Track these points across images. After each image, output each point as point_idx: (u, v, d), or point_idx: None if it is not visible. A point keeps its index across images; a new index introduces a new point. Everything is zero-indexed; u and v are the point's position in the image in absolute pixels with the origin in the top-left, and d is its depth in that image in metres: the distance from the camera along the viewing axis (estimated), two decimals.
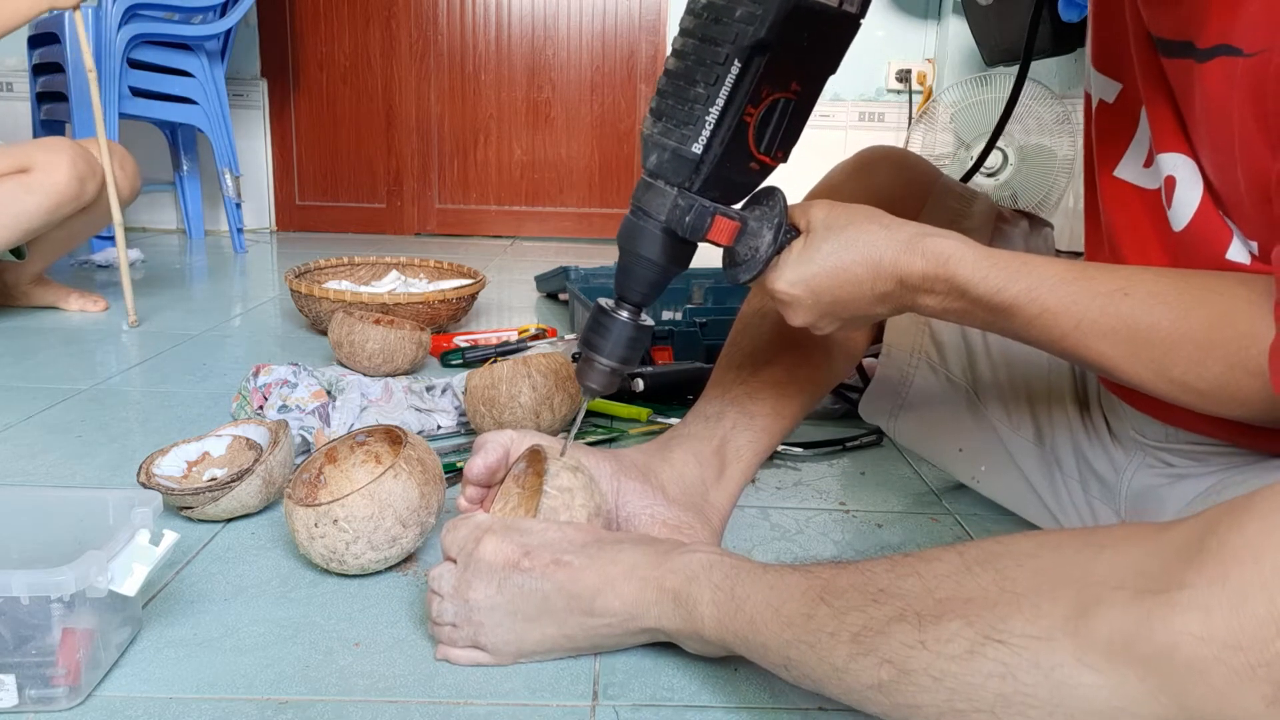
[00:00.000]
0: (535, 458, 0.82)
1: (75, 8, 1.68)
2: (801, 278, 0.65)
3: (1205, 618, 0.38)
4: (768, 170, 0.64)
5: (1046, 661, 0.42)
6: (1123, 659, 0.40)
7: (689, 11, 0.61)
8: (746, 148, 0.60)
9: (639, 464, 0.85)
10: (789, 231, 0.65)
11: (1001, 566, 0.48)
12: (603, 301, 0.70)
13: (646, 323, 0.69)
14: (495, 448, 0.82)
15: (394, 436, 0.90)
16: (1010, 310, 0.62)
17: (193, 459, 0.99)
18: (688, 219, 0.61)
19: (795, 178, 2.88)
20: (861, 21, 0.60)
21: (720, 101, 0.57)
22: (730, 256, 0.67)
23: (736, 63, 0.56)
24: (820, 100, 0.61)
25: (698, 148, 0.58)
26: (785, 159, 0.64)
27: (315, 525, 0.79)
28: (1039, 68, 2.54)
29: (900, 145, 3.02)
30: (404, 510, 0.80)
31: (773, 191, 0.66)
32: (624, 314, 0.67)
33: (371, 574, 0.83)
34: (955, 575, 0.49)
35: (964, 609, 0.46)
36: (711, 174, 0.60)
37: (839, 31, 0.59)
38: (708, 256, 0.77)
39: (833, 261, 0.64)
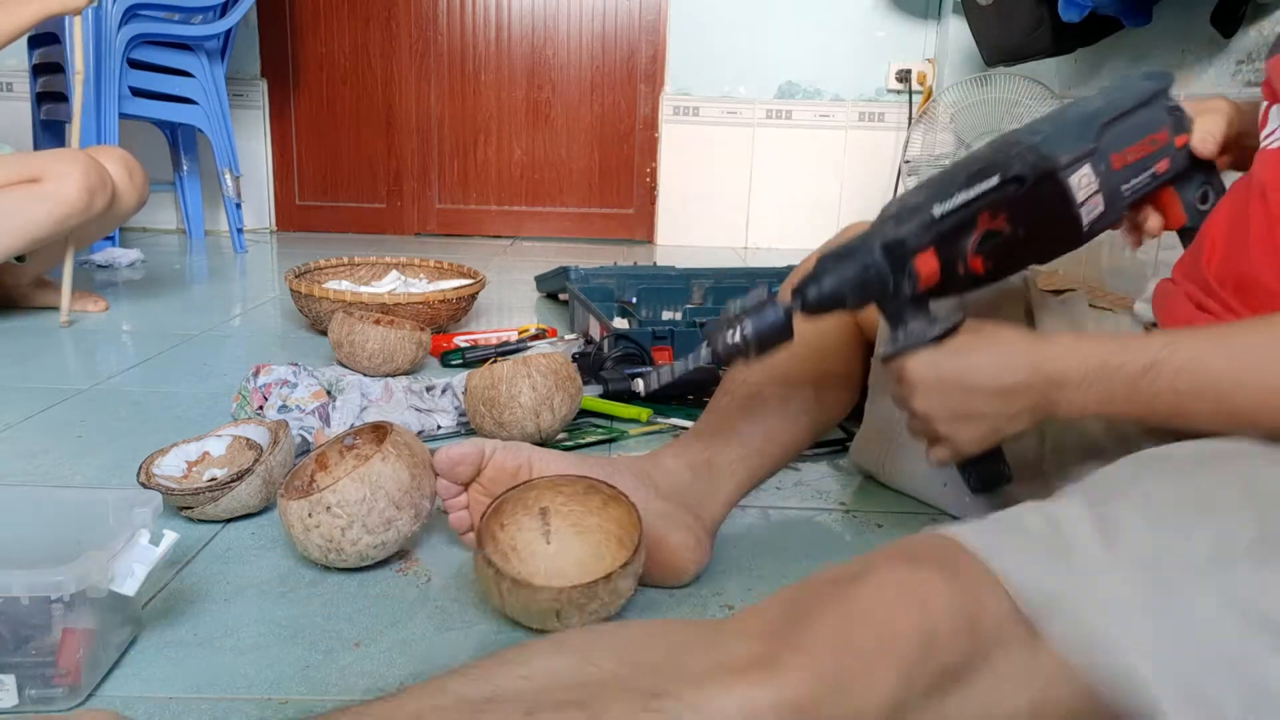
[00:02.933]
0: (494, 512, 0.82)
1: (77, 11, 1.69)
2: (935, 359, 0.69)
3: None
4: (971, 280, 0.70)
5: None
6: None
7: (971, 151, 0.73)
8: (964, 243, 0.69)
9: (630, 462, 0.86)
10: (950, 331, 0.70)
11: (598, 656, 0.49)
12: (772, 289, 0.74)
13: (790, 327, 0.70)
14: (470, 445, 0.83)
15: (381, 435, 0.90)
16: (1162, 379, 0.61)
17: (193, 459, 0.99)
18: (908, 230, 0.68)
19: (795, 178, 2.88)
20: (1083, 234, 0.71)
21: (972, 192, 0.68)
22: (898, 320, 0.71)
23: (996, 177, 0.68)
24: (820, 100, 0.62)
25: (939, 211, 0.68)
26: (986, 279, 0.71)
27: (309, 515, 0.79)
28: (1039, 67, 2.54)
29: (900, 145, 3.02)
30: (395, 492, 0.80)
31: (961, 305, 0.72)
32: (783, 305, 0.70)
33: (370, 568, 0.83)
34: (572, 667, 0.49)
35: (608, 688, 0.46)
36: (935, 235, 0.68)
37: (1063, 224, 0.70)
38: (707, 258, 0.77)
39: (973, 358, 0.68)
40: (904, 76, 3.05)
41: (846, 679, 0.45)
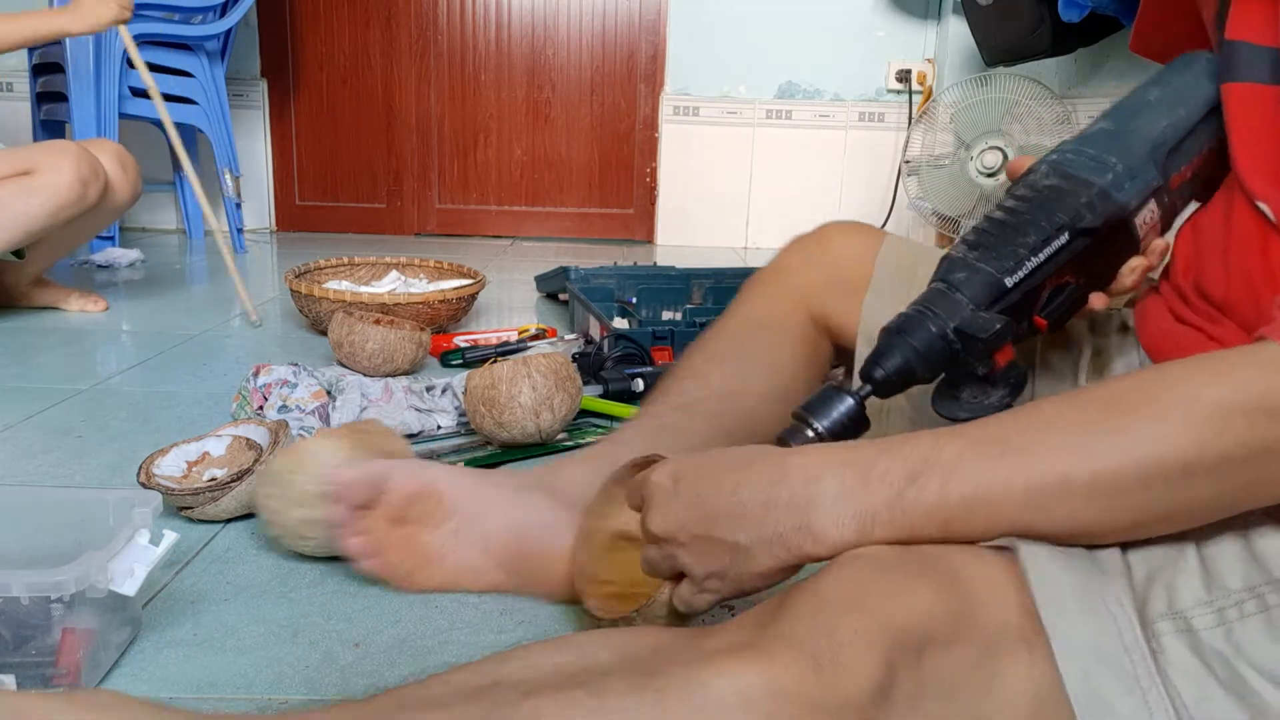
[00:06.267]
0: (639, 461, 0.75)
1: (117, 24, 1.70)
2: (676, 472, 0.60)
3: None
4: (1032, 333, 0.66)
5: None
6: None
7: (1026, 185, 0.66)
8: (1032, 306, 0.65)
9: (531, 476, 0.83)
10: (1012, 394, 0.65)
11: (596, 651, 0.51)
12: (835, 382, 0.70)
13: (865, 415, 0.65)
14: (364, 469, 0.77)
15: None
16: (929, 489, 0.53)
17: (193, 459, 0.99)
18: (991, 330, 0.62)
19: (795, 178, 2.88)
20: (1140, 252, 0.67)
21: (1043, 256, 0.63)
22: (953, 389, 0.65)
23: (1067, 235, 0.63)
24: (820, 100, 0.60)
25: (1011, 281, 0.63)
26: (1047, 331, 0.66)
27: (260, 484, 0.83)
28: (1039, 67, 2.54)
29: (900, 145, 3.02)
30: (327, 468, 0.80)
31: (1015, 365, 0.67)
32: (851, 392, 0.65)
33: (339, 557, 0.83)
34: (572, 661, 0.51)
35: (605, 671, 0.48)
36: (1006, 309, 0.64)
37: (1122, 261, 0.67)
38: (707, 258, 0.77)
39: (714, 477, 0.58)
40: (904, 76, 3.05)
41: (830, 664, 0.46)
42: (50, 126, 2.62)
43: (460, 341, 1.63)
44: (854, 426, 0.64)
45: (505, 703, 0.46)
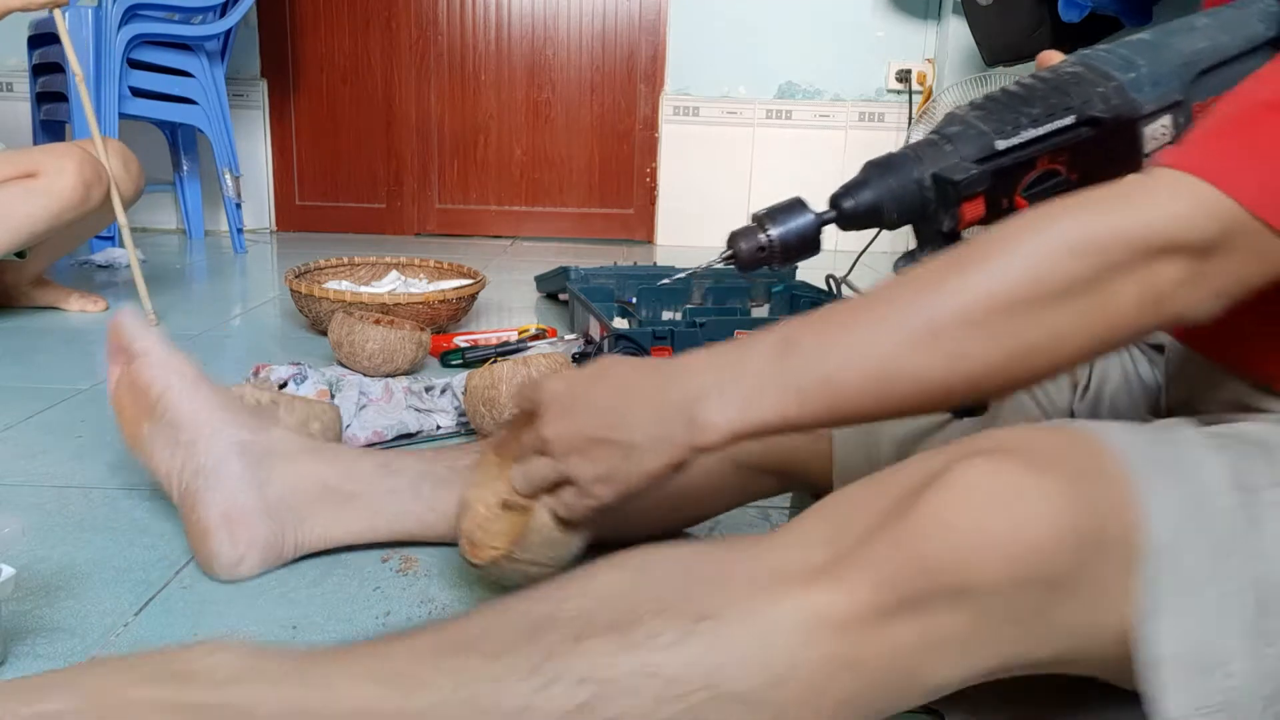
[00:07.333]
0: (516, 425, 0.72)
1: (52, 7, 1.66)
2: (570, 378, 0.61)
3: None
4: (1009, 211, 0.64)
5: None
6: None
7: (1049, 70, 0.66)
8: (1016, 182, 0.63)
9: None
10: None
11: (654, 570, 0.50)
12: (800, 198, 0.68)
13: (820, 237, 0.66)
14: (141, 330, 0.86)
15: None
16: (801, 350, 0.54)
17: None
18: (965, 175, 0.61)
19: (795, 178, 2.88)
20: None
21: (1041, 130, 0.62)
22: (929, 242, 0.65)
23: (1072, 117, 0.62)
24: (820, 100, 0.59)
25: (1002, 144, 0.62)
26: None
27: None
28: None
29: (900, 145, 3.01)
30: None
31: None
32: (815, 212, 0.66)
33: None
34: (628, 584, 0.50)
35: (658, 607, 0.47)
36: (991, 169, 0.62)
37: (1120, 171, 0.63)
38: (707, 258, 0.76)
39: (605, 381, 0.60)
40: (904, 77, 3.05)
41: (917, 598, 0.44)
42: (50, 126, 2.62)
43: (460, 341, 1.63)
44: (805, 244, 0.63)
45: (559, 654, 0.46)
